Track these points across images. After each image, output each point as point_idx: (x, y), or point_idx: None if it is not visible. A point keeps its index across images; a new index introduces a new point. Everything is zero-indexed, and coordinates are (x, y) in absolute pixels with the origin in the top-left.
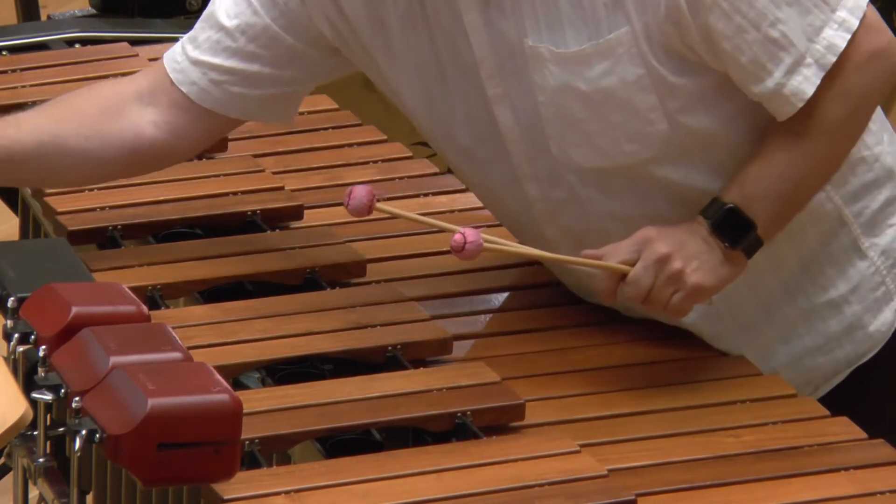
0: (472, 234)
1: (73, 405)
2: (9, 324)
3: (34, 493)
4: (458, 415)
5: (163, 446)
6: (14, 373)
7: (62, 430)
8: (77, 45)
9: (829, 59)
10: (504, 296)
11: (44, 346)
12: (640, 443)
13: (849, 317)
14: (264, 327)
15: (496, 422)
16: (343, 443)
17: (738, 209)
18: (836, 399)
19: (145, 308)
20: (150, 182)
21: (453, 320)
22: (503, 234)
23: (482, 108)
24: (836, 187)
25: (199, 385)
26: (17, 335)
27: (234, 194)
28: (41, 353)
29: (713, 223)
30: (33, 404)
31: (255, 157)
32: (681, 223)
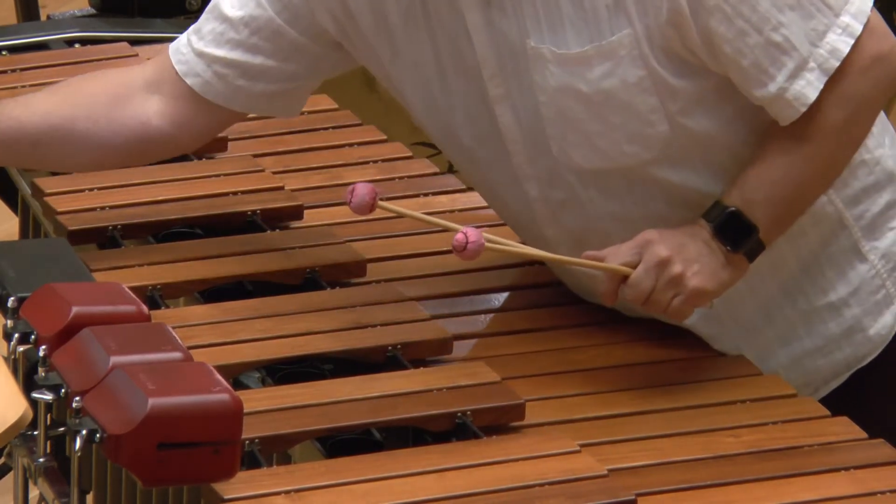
0: (473, 233)
1: (74, 405)
2: (9, 324)
3: (34, 493)
4: (459, 414)
5: (163, 446)
6: (14, 373)
7: (62, 429)
8: (77, 45)
9: (833, 64)
10: (504, 295)
11: (44, 346)
12: (640, 443)
13: (849, 319)
14: (264, 327)
15: (496, 422)
16: (343, 443)
17: (740, 213)
18: (836, 401)
19: (145, 308)
20: (150, 182)
21: (453, 320)
22: (506, 233)
23: (483, 107)
24: (837, 190)
25: (200, 385)
26: (17, 335)
27: (234, 194)
28: (41, 353)
29: (715, 226)
30: (33, 404)
31: (255, 156)
32: (682, 225)
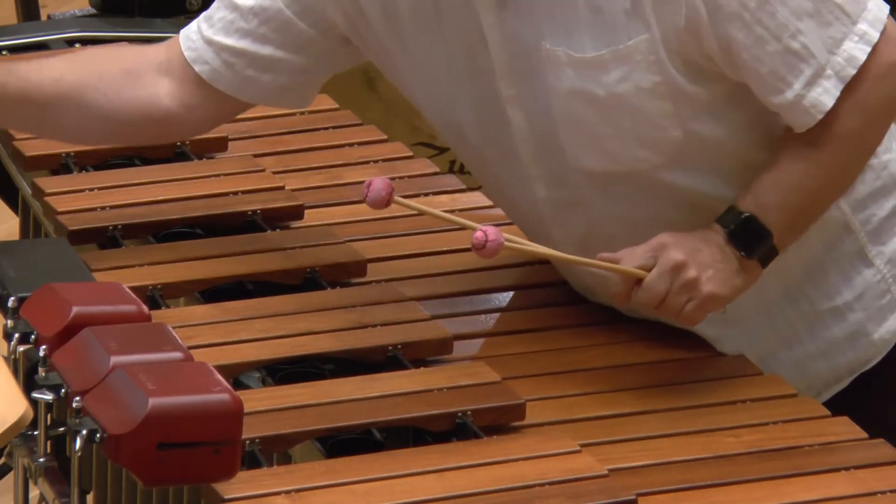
0: (493, 232)
1: (74, 405)
2: (9, 323)
3: (35, 493)
4: (459, 414)
5: (163, 446)
6: (14, 373)
7: (63, 429)
8: (77, 45)
9: (849, 72)
10: (504, 295)
11: (44, 346)
12: (640, 442)
13: (853, 324)
14: (265, 327)
15: (497, 421)
16: (343, 442)
17: (754, 218)
18: (839, 405)
19: (146, 308)
20: (151, 182)
21: (454, 320)
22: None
23: (494, 107)
24: (844, 194)
25: (200, 385)
26: (17, 335)
27: (235, 194)
28: (42, 353)
29: (730, 232)
30: (34, 404)
31: (256, 156)
32: (696, 230)
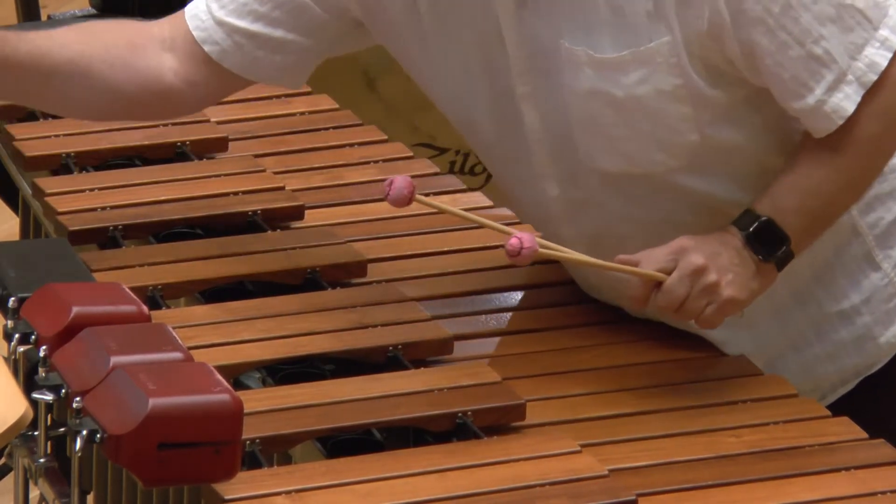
0: (528, 239)
1: (74, 405)
2: (9, 324)
3: (35, 494)
4: (459, 415)
5: (163, 446)
6: (15, 373)
7: (63, 430)
8: None
9: (871, 78)
10: (505, 296)
11: (44, 347)
12: (641, 443)
13: (860, 328)
14: (265, 327)
15: (497, 422)
16: (344, 443)
17: (772, 222)
18: (844, 408)
19: (146, 308)
20: (151, 182)
21: (454, 320)
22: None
23: (508, 104)
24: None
25: (200, 385)
26: (17, 335)
27: (235, 194)
28: (42, 354)
29: (747, 235)
30: (34, 404)
31: (256, 157)
32: (713, 233)
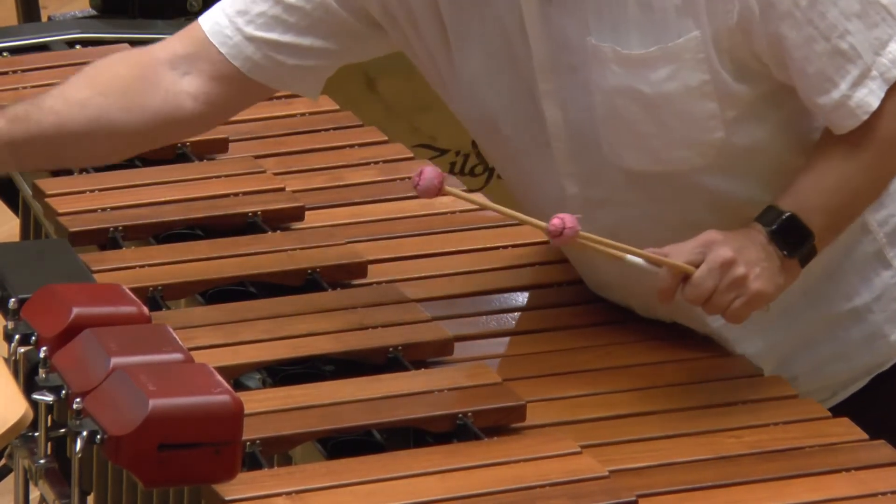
0: (570, 219)
1: (74, 406)
2: (10, 325)
3: (35, 494)
4: (460, 416)
5: (164, 447)
6: (15, 374)
7: (63, 431)
8: (78, 47)
9: (894, 73)
10: (505, 297)
11: (45, 348)
12: (641, 443)
13: (871, 325)
14: (265, 328)
15: (497, 423)
16: (344, 444)
17: (796, 218)
18: (854, 405)
19: (146, 309)
20: (152, 183)
21: (454, 321)
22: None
23: (529, 101)
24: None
25: (200, 386)
26: (17, 336)
27: (235, 195)
28: (42, 355)
29: (772, 231)
30: (34, 405)
31: (256, 158)
32: (738, 228)
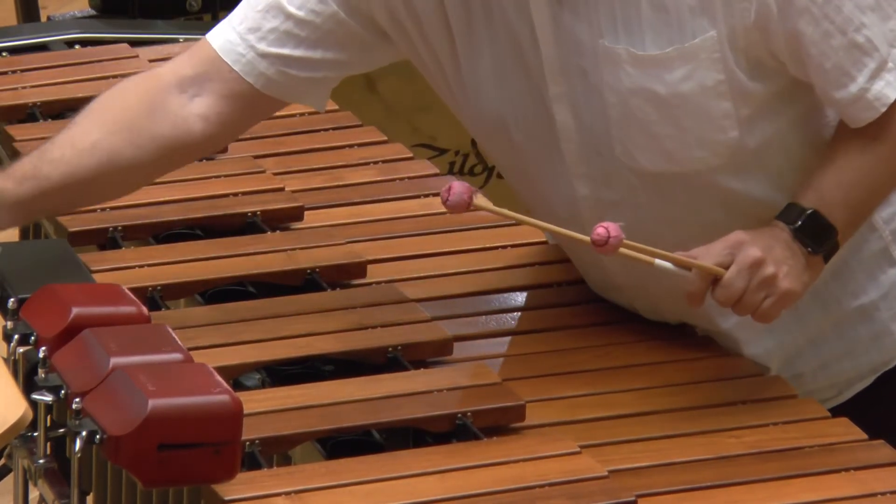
0: (614, 228)
1: (74, 406)
2: (9, 325)
3: (34, 494)
4: (459, 416)
5: (163, 447)
6: (14, 374)
7: (62, 431)
8: (77, 47)
9: None
10: (504, 297)
11: (44, 347)
12: (640, 443)
13: (878, 323)
14: (265, 328)
15: (497, 423)
16: (344, 444)
17: (819, 214)
18: (860, 404)
19: (145, 309)
20: (151, 183)
21: (454, 321)
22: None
23: (539, 104)
24: None
25: (200, 386)
26: (17, 336)
27: (235, 195)
28: (41, 354)
29: (795, 229)
30: (33, 405)
31: (256, 158)
32: (761, 228)
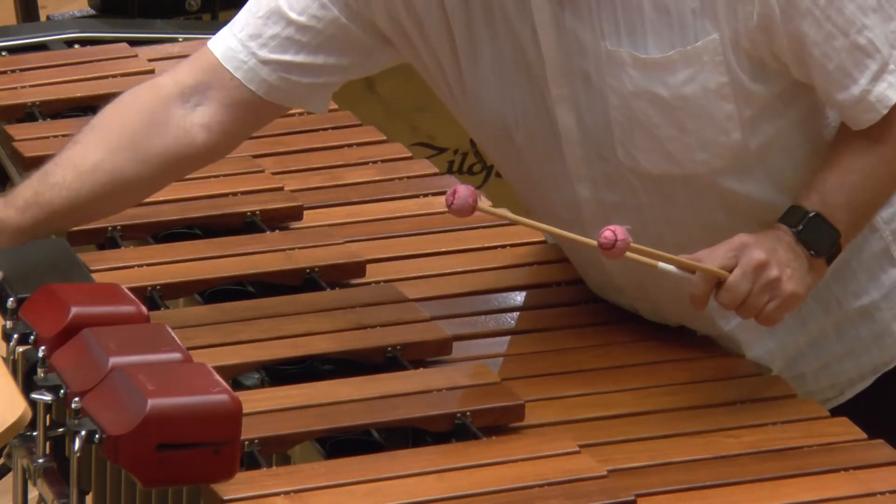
0: (621, 231)
1: (73, 406)
2: (8, 324)
3: (34, 494)
4: (458, 415)
5: (162, 447)
6: (13, 373)
7: (62, 430)
8: (76, 46)
9: None
10: (503, 297)
11: (43, 347)
12: (639, 443)
13: (879, 324)
14: (264, 328)
15: (496, 422)
16: (343, 443)
17: (822, 216)
18: (861, 404)
19: (145, 308)
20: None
21: (453, 321)
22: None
23: (541, 107)
24: None
25: (199, 385)
26: (16, 335)
27: (234, 195)
28: (41, 354)
29: (798, 231)
30: (33, 405)
31: (255, 157)
32: (765, 230)
